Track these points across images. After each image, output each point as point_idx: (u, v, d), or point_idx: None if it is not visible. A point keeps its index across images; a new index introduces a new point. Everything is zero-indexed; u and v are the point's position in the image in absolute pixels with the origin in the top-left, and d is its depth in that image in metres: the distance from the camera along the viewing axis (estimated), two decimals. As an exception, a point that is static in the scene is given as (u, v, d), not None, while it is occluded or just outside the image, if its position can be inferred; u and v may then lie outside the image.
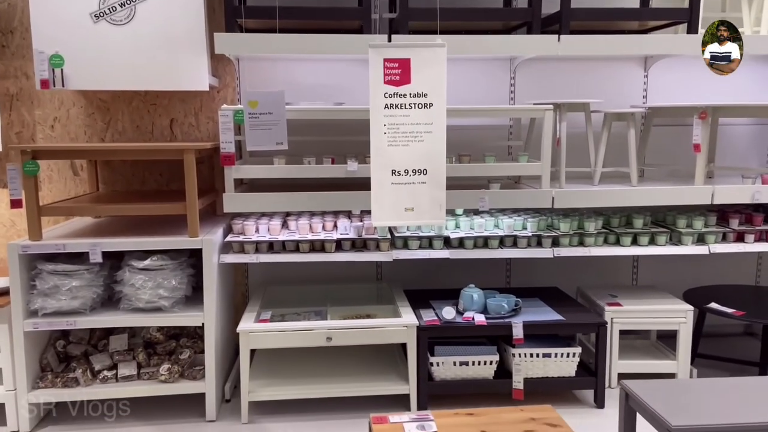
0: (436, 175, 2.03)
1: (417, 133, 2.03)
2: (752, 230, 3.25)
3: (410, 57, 1.96)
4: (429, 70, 1.96)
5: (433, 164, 2.02)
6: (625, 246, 3.22)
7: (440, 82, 1.94)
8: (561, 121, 3.19)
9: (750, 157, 3.79)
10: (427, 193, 2.06)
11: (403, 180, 2.09)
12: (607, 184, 3.36)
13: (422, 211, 2.08)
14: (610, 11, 3.10)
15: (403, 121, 2.01)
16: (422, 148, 2.05)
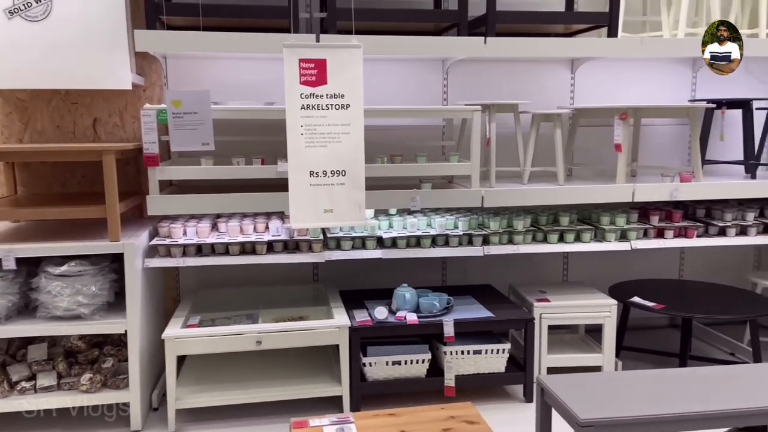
0: (354, 176, 2.03)
1: (334, 134, 2.02)
2: (671, 226, 3.38)
3: (326, 58, 1.95)
4: (345, 71, 1.95)
5: (351, 165, 2.02)
6: (552, 243, 3.31)
7: (357, 83, 1.94)
8: (490, 122, 3.25)
9: (672, 156, 3.95)
10: (345, 194, 2.05)
11: (321, 181, 2.08)
12: (536, 183, 3.44)
13: (341, 212, 2.08)
14: (534, 14, 3.17)
15: (320, 122, 2.00)
16: (340, 149, 2.04)
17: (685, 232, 3.41)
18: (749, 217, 3.43)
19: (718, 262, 4.04)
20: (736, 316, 3.12)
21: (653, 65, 3.82)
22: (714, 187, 3.29)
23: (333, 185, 2.07)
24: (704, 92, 3.90)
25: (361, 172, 2.01)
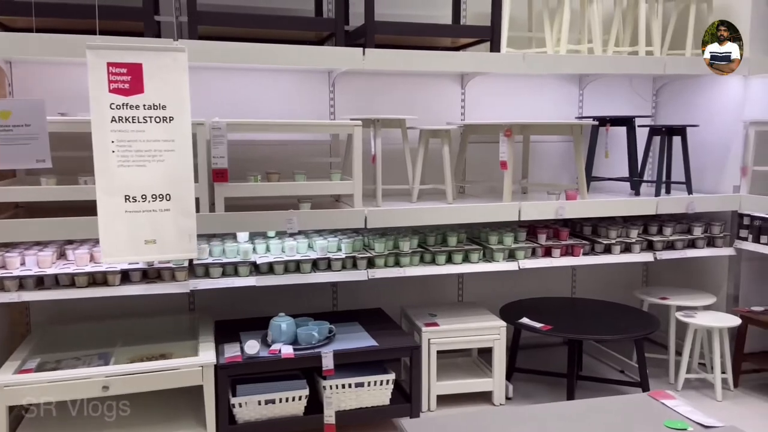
0: (182, 200, 1.77)
1: (155, 151, 1.75)
2: (558, 245, 3.33)
3: (142, 62, 1.68)
4: (167, 79, 1.69)
5: (177, 188, 1.75)
6: (440, 265, 3.16)
7: (182, 93, 1.68)
8: (376, 138, 3.07)
9: (564, 172, 3.93)
10: (171, 222, 1.78)
11: (140, 207, 1.79)
12: (426, 201, 3.30)
13: (166, 243, 1.80)
14: (413, 26, 3.04)
15: (136, 138, 1.72)
16: (163, 169, 1.76)
17: (572, 250, 3.36)
18: (633, 234, 3.44)
19: (609, 279, 4.05)
20: (620, 336, 3.08)
21: (542, 82, 3.80)
22: (598, 204, 3.27)
23: (155, 212, 1.79)
24: (591, 109, 3.93)
25: (190, 195, 1.74)
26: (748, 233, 3.44)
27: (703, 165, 3.71)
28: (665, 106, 4.00)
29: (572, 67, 3.24)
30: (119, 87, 1.68)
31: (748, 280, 3.60)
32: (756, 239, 3.39)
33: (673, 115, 3.92)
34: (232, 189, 2.74)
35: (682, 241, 3.48)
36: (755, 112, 3.45)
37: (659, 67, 3.31)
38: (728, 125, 3.54)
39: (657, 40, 3.45)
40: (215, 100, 3.26)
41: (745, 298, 3.59)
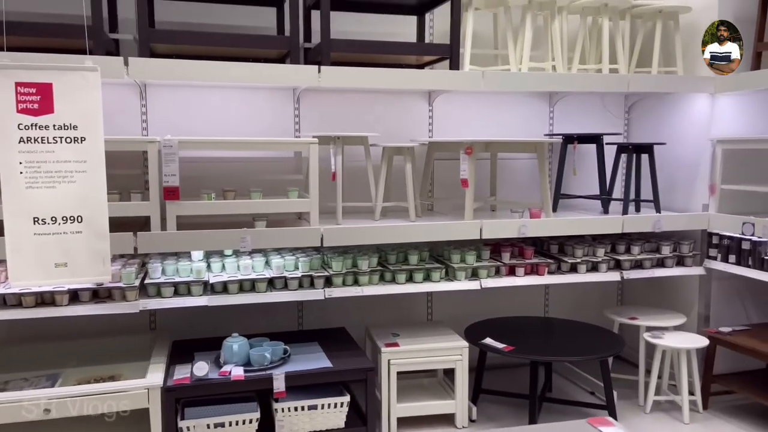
0: (94, 222, 1.73)
1: (66, 172, 1.71)
2: (522, 264, 3.28)
3: (52, 82, 1.66)
4: (79, 98, 1.67)
5: (90, 210, 1.71)
6: (400, 283, 3.12)
7: (94, 113, 1.66)
8: (336, 155, 3.05)
9: (534, 190, 3.89)
10: (84, 244, 1.74)
11: (50, 230, 1.75)
12: (389, 218, 3.27)
13: (79, 266, 1.76)
14: (369, 44, 3.02)
15: (46, 158, 1.69)
16: (74, 190, 1.73)
17: (536, 269, 3.31)
18: (600, 253, 3.38)
19: (582, 298, 4.00)
20: (583, 357, 3.01)
21: (513, 98, 3.78)
22: (561, 223, 3.23)
23: (66, 234, 1.75)
24: (563, 126, 3.90)
25: (104, 217, 1.71)
26: (717, 252, 3.38)
27: (673, 183, 3.67)
28: (637, 124, 3.97)
29: (532, 84, 3.22)
30: (28, 107, 1.65)
31: (719, 299, 3.54)
32: (725, 258, 3.34)
33: (645, 133, 3.89)
34: (184, 207, 2.71)
35: (650, 260, 3.42)
36: (722, 131, 3.41)
37: (622, 85, 3.28)
38: (697, 143, 3.51)
39: (621, 58, 3.43)
40: (183, 116, 3.26)
41: (717, 318, 3.53)
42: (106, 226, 1.72)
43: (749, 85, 3.22)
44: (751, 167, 3.48)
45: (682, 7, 3.43)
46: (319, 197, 2.92)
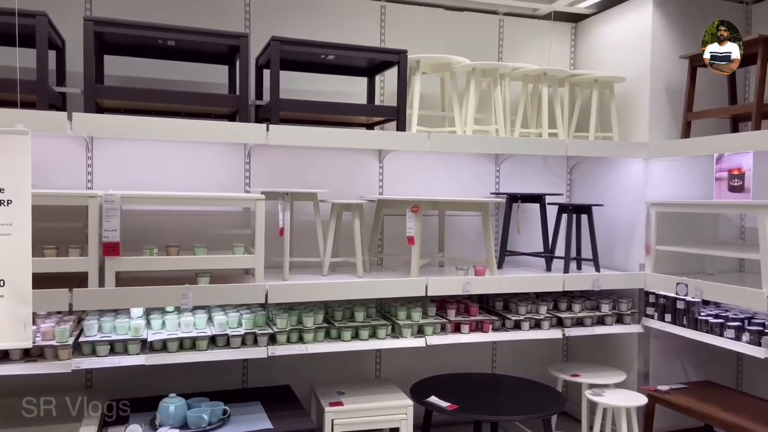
0: (17, 286, 1.69)
1: None
2: (467, 321, 3.32)
3: None
4: (6, 161, 1.66)
5: (13, 274, 1.68)
6: (345, 341, 3.10)
7: (22, 175, 1.64)
8: (285, 211, 3.07)
9: (482, 247, 3.96)
10: (4, 309, 1.69)
11: None
12: (338, 274, 3.29)
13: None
14: (316, 104, 3.11)
15: None
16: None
17: (481, 326, 3.35)
18: (542, 311, 3.45)
19: (528, 354, 4.04)
20: (525, 416, 3.03)
21: (461, 158, 3.90)
22: (504, 280, 3.30)
23: None
24: (509, 185, 4.03)
25: (27, 281, 1.67)
26: (654, 311, 3.50)
27: (612, 242, 3.81)
28: (578, 185, 4.13)
29: (476, 147, 3.34)
30: (-46, 170, 1.62)
31: (658, 357, 3.64)
32: (661, 317, 3.45)
33: (586, 194, 4.05)
34: (124, 263, 2.67)
35: (591, 318, 3.51)
36: (656, 194, 3.58)
37: (561, 149, 3.44)
38: (633, 205, 3.67)
39: (560, 123, 3.61)
40: (131, 170, 3.26)
41: (656, 376, 3.61)
42: (29, 290, 1.68)
43: (679, 152, 3.42)
44: (684, 229, 3.65)
45: (617, 78, 3.65)
46: (268, 252, 2.92)
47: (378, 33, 3.76)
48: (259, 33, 3.34)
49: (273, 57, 2.88)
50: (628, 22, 3.72)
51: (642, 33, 3.61)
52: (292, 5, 3.60)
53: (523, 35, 4.08)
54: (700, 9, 3.66)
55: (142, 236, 3.04)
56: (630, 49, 3.70)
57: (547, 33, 4.12)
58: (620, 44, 3.79)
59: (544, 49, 4.11)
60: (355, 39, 3.52)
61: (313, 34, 3.45)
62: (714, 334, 3.14)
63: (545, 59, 4.07)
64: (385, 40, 3.77)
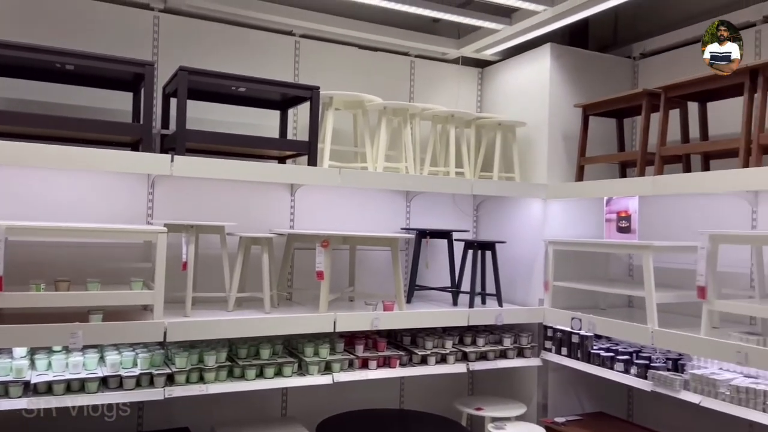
0: None
1: None
2: (375, 356, 3.32)
3: None
4: None
5: None
6: (249, 380, 3.01)
7: None
8: (189, 244, 2.96)
9: (392, 280, 4.00)
10: None
11: None
12: (244, 310, 3.20)
13: None
14: (226, 136, 3.07)
15: None
16: None
17: (388, 362, 3.36)
18: (448, 345, 3.52)
19: (435, 388, 4.08)
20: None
21: (373, 193, 3.95)
22: (412, 316, 3.34)
23: None
24: (419, 221, 4.12)
25: None
26: (552, 344, 3.66)
27: (515, 278, 3.97)
28: (484, 222, 4.29)
29: (386, 183, 3.41)
30: None
31: (555, 389, 3.79)
32: (558, 351, 3.62)
33: (491, 230, 4.21)
34: (6, 299, 2.47)
35: (494, 352, 3.62)
36: (554, 232, 3.79)
37: (467, 188, 3.57)
38: (533, 242, 3.85)
39: (467, 163, 3.75)
40: (24, 199, 3.05)
41: (554, 408, 3.76)
42: None
43: (573, 194, 3.65)
44: (580, 266, 3.87)
45: (518, 122, 3.87)
46: (170, 288, 2.81)
47: (292, 67, 3.79)
48: (172, 61, 3.26)
49: (180, 87, 2.82)
50: (529, 71, 3.97)
51: (541, 82, 3.86)
52: (207, 36, 3.56)
53: (433, 77, 4.24)
54: (591, 63, 3.97)
55: (34, 269, 2.84)
56: (530, 96, 3.94)
57: (455, 76, 4.31)
58: (522, 91, 4.02)
59: (452, 91, 4.29)
60: (270, 72, 3.53)
61: (227, 65, 3.42)
62: (605, 367, 3.32)
63: (454, 101, 4.25)
64: (299, 75, 3.80)
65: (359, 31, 3.82)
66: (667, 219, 3.66)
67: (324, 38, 3.89)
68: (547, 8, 3.42)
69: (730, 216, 3.30)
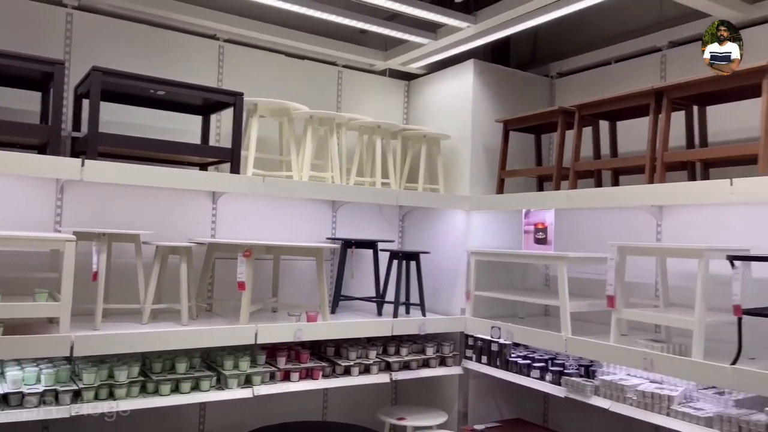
0: None
1: None
2: (297, 368, 3.27)
3: None
4: None
5: None
6: (164, 395, 2.89)
7: None
8: (100, 253, 2.81)
9: (316, 291, 3.96)
10: None
11: None
12: (160, 322, 3.07)
13: None
14: (142, 141, 2.95)
15: None
16: None
17: (311, 373, 3.32)
18: (371, 355, 3.52)
19: (359, 399, 4.07)
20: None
21: (298, 202, 3.91)
22: (335, 326, 3.32)
23: None
24: (345, 231, 4.11)
25: None
26: (473, 353, 3.74)
27: (438, 288, 4.03)
28: (410, 232, 4.34)
29: (311, 193, 3.38)
30: None
31: (476, 397, 3.87)
32: (479, 359, 3.70)
33: (416, 241, 4.26)
34: None
35: (417, 361, 3.65)
36: (475, 243, 3.88)
37: (393, 198, 3.61)
38: (456, 253, 3.93)
39: (393, 174, 3.79)
40: None
41: (474, 415, 3.84)
42: None
43: (494, 206, 3.76)
44: (500, 276, 3.98)
45: (443, 135, 3.95)
46: (79, 299, 2.66)
47: (216, 72, 3.70)
48: (87, 62, 3.10)
49: (93, 87, 2.69)
50: (454, 86, 4.07)
51: (464, 96, 3.96)
52: (126, 37, 3.43)
53: (360, 88, 4.26)
54: (512, 80, 4.11)
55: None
56: (455, 110, 4.03)
57: (382, 88, 4.35)
58: (447, 104, 4.11)
59: (379, 102, 4.33)
60: (192, 76, 3.43)
61: (148, 67, 3.30)
62: (522, 375, 3.42)
63: (381, 112, 4.29)
64: (223, 80, 3.72)
65: (286, 38, 3.79)
66: (581, 231, 3.83)
67: (250, 44, 3.82)
68: (471, 25, 3.52)
69: (637, 229, 3.50)
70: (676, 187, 2.78)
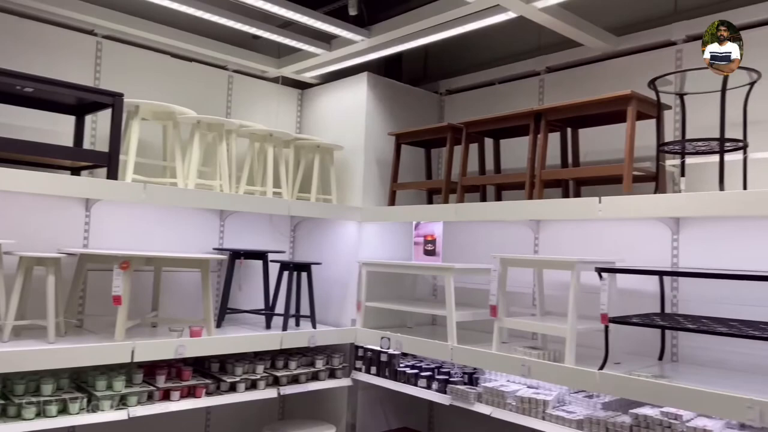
0: None
1: None
2: (178, 387, 3.10)
3: None
4: None
5: None
6: (27, 419, 2.61)
7: None
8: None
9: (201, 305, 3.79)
10: None
11: None
12: (24, 339, 2.78)
13: None
14: (6, 141, 2.67)
15: None
16: None
17: (194, 391, 3.16)
18: (259, 370, 3.42)
19: (244, 415, 3.94)
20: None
21: (183, 210, 3.73)
22: (221, 341, 3.19)
23: None
24: (233, 241, 3.97)
25: None
26: (363, 364, 3.75)
27: (329, 299, 4.01)
28: (301, 243, 4.29)
29: (197, 202, 3.23)
30: None
31: (365, 408, 3.89)
32: (368, 370, 3.71)
33: (308, 252, 4.21)
34: None
35: (306, 375, 3.59)
36: (367, 254, 3.91)
37: (285, 208, 3.54)
38: (348, 264, 3.93)
39: (285, 183, 3.73)
40: None
41: (363, 426, 3.85)
42: None
43: (385, 218, 3.81)
44: (390, 286, 4.04)
45: (336, 146, 3.95)
46: None
47: (92, 70, 3.45)
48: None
49: (-54, 80, 2.40)
50: (348, 97, 4.09)
51: (358, 108, 3.99)
52: (-16, 23, 3.10)
53: (252, 94, 4.16)
54: (404, 94, 4.21)
55: None
56: (348, 121, 4.05)
57: (275, 95, 4.28)
58: (340, 115, 4.12)
59: (272, 110, 4.25)
60: (66, 74, 3.17)
61: (16, 61, 3.01)
62: (410, 384, 3.48)
63: (273, 120, 4.21)
64: (101, 79, 3.47)
65: (171, 38, 3.62)
66: (468, 243, 3.98)
67: (132, 42, 3.61)
68: (365, 39, 3.56)
69: (517, 241, 3.70)
70: (552, 203, 2.97)
